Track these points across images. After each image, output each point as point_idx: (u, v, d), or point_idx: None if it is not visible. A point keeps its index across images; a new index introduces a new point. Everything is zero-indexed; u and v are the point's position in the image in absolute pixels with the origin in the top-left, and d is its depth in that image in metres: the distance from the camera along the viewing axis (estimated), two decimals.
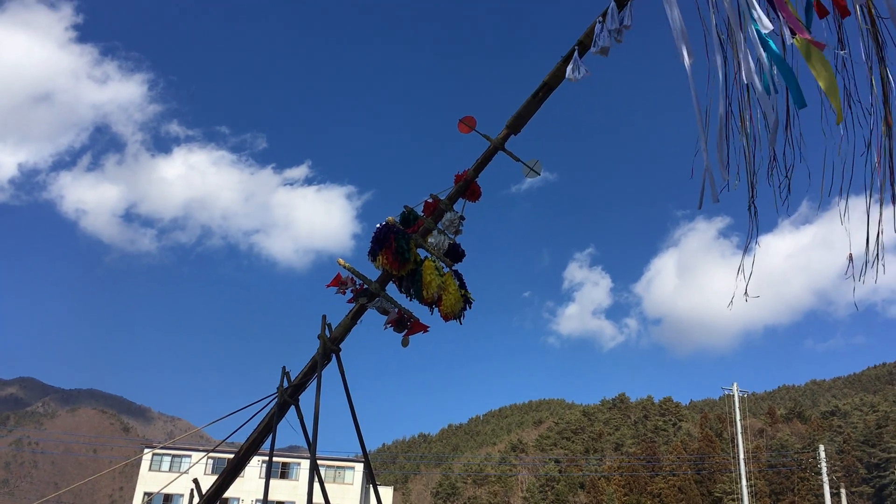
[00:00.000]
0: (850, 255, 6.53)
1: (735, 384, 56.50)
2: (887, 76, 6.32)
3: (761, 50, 6.47)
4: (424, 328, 7.81)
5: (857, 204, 6.55)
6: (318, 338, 7.89)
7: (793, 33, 6.29)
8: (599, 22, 7.27)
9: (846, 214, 6.45)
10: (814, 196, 6.88)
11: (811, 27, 6.51)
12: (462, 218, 8.02)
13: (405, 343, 7.81)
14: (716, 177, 6.86)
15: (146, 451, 75.39)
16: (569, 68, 7.39)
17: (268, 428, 7.87)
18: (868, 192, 6.44)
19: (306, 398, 7.97)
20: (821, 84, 6.18)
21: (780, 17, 6.35)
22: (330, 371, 7.90)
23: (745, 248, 6.92)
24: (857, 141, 6.54)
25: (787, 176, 6.81)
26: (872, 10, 6.19)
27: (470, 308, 7.87)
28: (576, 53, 7.41)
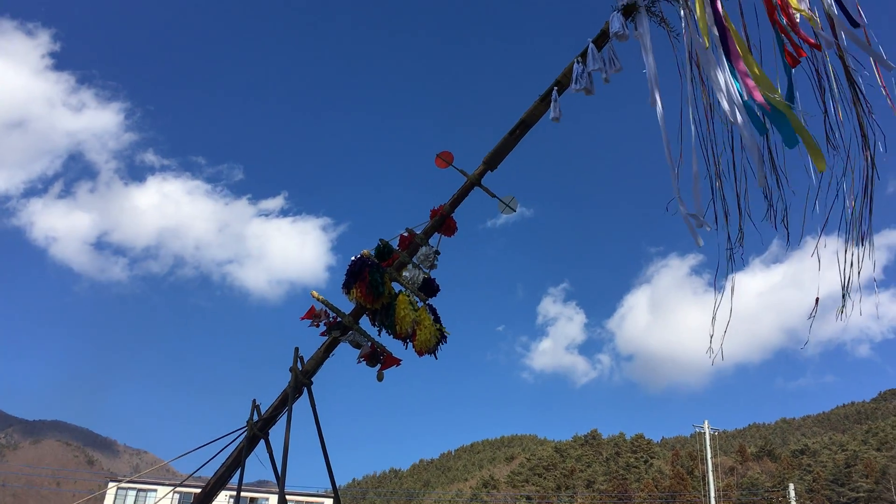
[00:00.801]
0: (817, 299, 6.63)
1: (706, 422, 56.68)
2: (865, 117, 6.48)
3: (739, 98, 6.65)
4: (397, 362, 7.76)
5: (828, 243, 6.66)
6: (290, 370, 7.81)
7: (750, 94, 6.48)
8: (578, 62, 7.37)
9: (815, 254, 6.56)
10: (784, 234, 6.97)
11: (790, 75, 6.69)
12: (437, 252, 8.02)
13: (380, 378, 7.74)
14: (693, 223, 6.99)
15: (111, 484, 73.80)
16: (551, 109, 7.48)
17: (236, 462, 7.73)
18: (847, 234, 6.58)
19: (276, 432, 7.85)
20: (802, 139, 6.37)
21: (738, 75, 6.52)
22: (301, 404, 7.81)
23: (717, 304, 7.01)
24: (826, 183, 6.69)
25: (783, 222, 6.92)
26: (846, 60, 6.37)
27: (445, 343, 7.84)
28: (555, 93, 7.51)
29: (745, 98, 6.56)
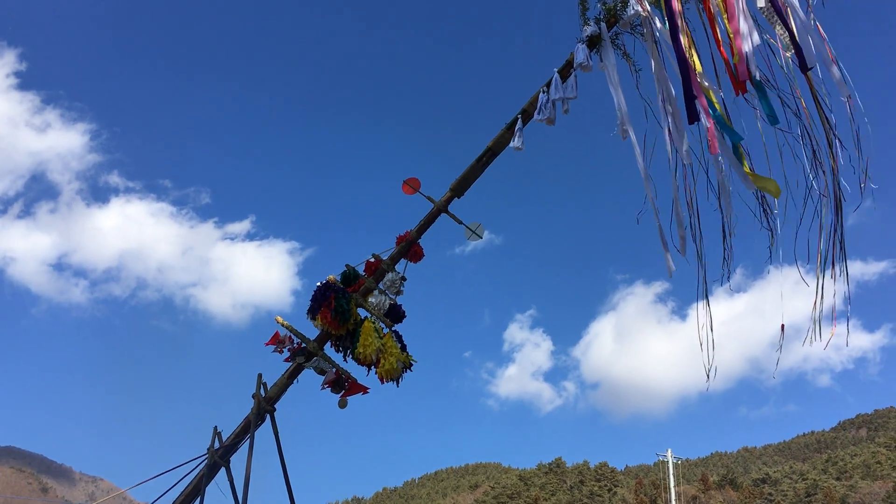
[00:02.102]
0: (783, 326, 6.73)
1: (669, 450, 56.91)
2: (836, 149, 6.66)
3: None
4: (364, 389, 7.71)
5: (791, 273, 6.79)
6: (253, 397, 7.71)
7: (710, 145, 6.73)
8: (543, 91, 7.48)
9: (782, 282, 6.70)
10: (748, 265, 7.12)
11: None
12: (403, 279, 8.01)
13: (342, 404, 7.68)
14: (672, 253, 7.15)
15: None
16: (513, 138, 7.56)
17: (196, 490, 7.59)
18: (822, 263, 6.72)
19: (238, 459, 7.72)
20: (757, 185, 6.58)
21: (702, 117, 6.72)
22: (263, 432, 7.71)
23: (707, 327, 7.11)
24: (792, 215, 6.85)
25: (770, 245, 7.06)
26: (818, 96, 6.56)
27: (410, 371, 7.79)
28: (519, 122, 7.59)
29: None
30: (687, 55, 6.72)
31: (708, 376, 7.04)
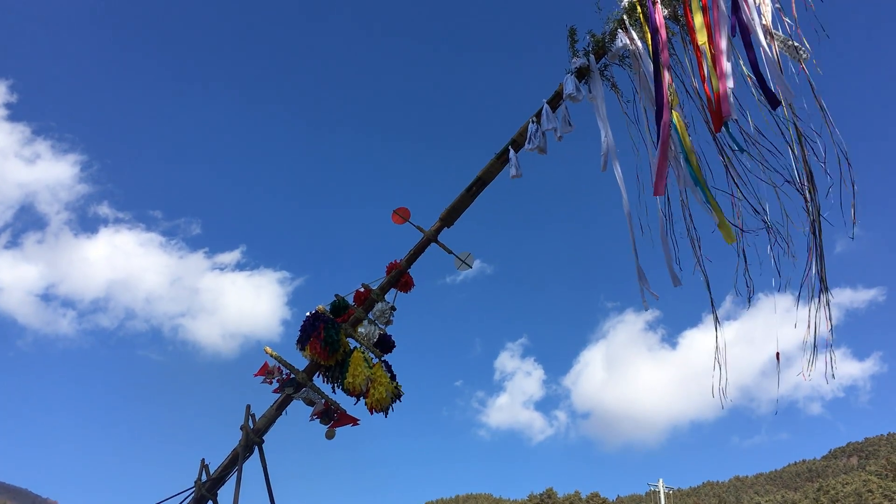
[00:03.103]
0: (778, 354, 6.75)
1: (661, 480, 56.61)
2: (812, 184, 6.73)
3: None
4: (354, 421, 7.65)
5: (782, 301, 6.83)
6: (241, 429, 7.63)
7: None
8: (533, 122, 7.53)
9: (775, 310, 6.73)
10: (738, 292, 7.14)
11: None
12: (393, 308, 7.99)
13: (330, 435, 7.61)
14: (646, 291, 7.18)
15: None
16: (510, 167, 7.60)
17: None
18: (811, 293, 6.76)
19: (225, 492, 7.63)
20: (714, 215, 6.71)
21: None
22: (252, 464, 7.62)
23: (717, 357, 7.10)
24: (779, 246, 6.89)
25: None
26: (798, 127, 6.64)
27: (400, 401, 7.75)
28: (512, 151, 7.63)
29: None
30: (667, 96, 6.82)
31: (721, 393, 7.05)
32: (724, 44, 6.51)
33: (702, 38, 6.70)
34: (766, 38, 6.47)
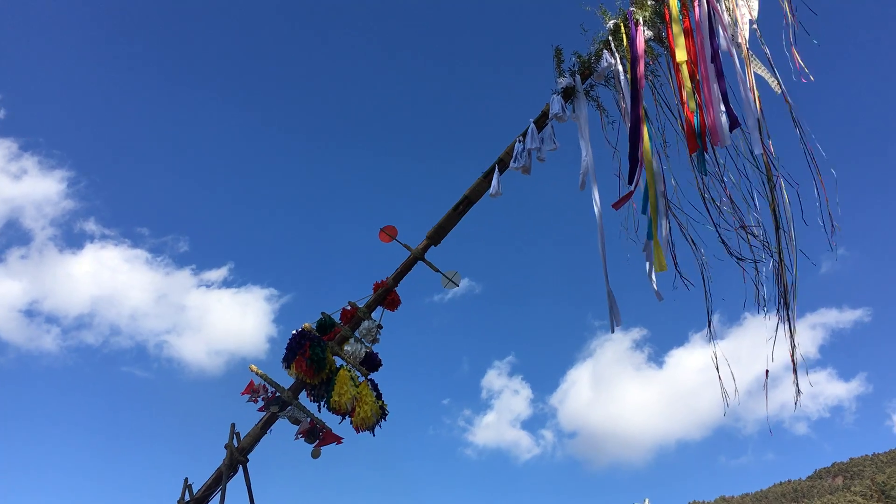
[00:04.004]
0: (767, 371, 6.80)
1: (647, 500, 56.51)
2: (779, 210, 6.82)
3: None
4: (338, 440, 7.60)
5: (773, 321, 6.88)
6: (226, 447, 7.58)
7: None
8: (519, 141, 7.58)
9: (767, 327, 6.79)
10: (725, 311, 7.22)
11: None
12: (380, 327, 7.97)
13: (315, 454, 7.56)
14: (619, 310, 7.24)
15: None
16: (491, 185, 7.64)
17: None
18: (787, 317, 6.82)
19: None
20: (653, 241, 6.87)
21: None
22: (236, 483, 7.56)
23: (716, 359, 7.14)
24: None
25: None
26: (769, 159, 6.73)
27: (385, 420, 7.71)
28: (496, 171, 7.67)
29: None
30: (643, 122, 6.91)
31: (726, 396, 7.11)
32: (710, 70, 6.60)
33: (681, 55, 6.79)
34: (741, 65, 6.59)
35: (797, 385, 6.78)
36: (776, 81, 6.72)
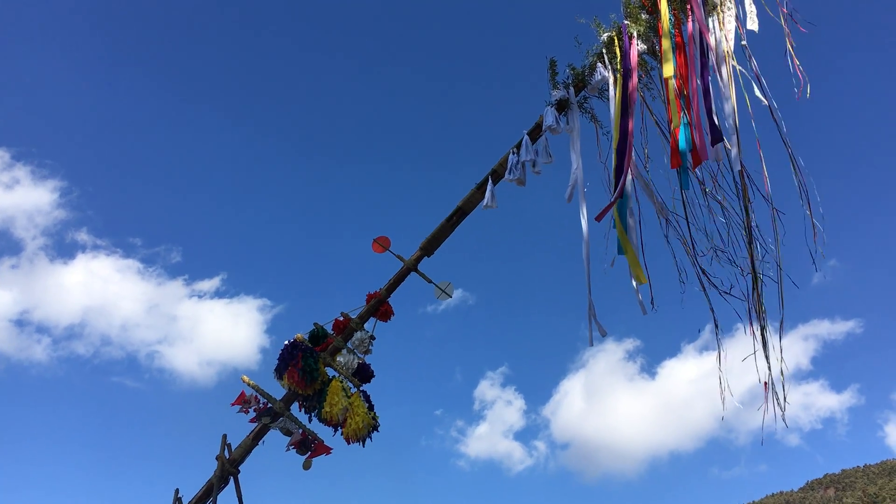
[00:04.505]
0: (766, 384, 6.82)
1: None
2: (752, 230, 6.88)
3: None
4: (328, 450, 7.57)
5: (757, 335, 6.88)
6: (217, 458, 7.54)
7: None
8: (513, 153, 7.59)
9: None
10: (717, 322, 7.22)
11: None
12: (372, 338, 7.96)
13: (306, 466, 7.53)
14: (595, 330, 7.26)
15: None
16: (485, 197, 7.65)
17: None
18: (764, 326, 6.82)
19: None
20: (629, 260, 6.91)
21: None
22: (227, 495, 7.52)
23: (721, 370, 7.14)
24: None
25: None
26: (746, 183, 6.78)
27: (377, 431, 7.69)
28: (490, 182, 7.68)
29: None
30: (631, 135, 6.96)
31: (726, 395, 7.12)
32: (699, 86, 6.65)
33: (667, 70, 6.83)
34: (727, 81, 6.64)
35: (776, 403, 6.78)
36: (763, 98, 6.76)
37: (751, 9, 7.02)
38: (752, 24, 7.01)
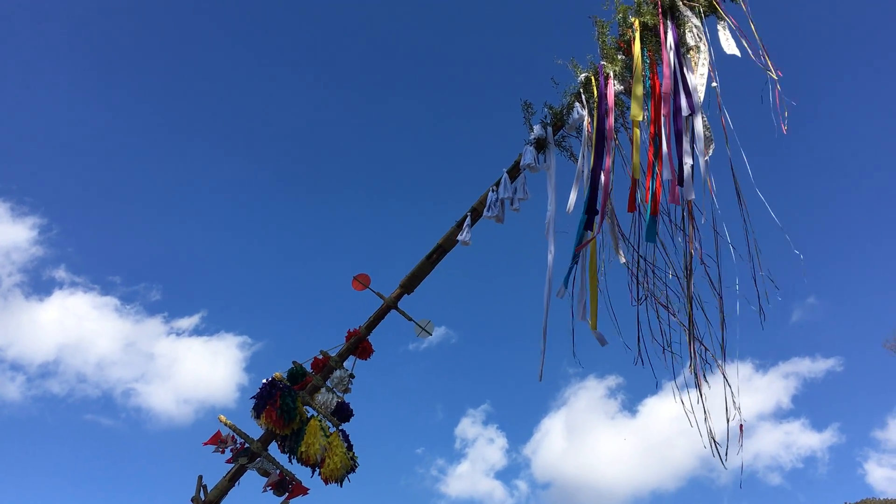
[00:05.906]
0: (741, 426, 6.81)
1: None
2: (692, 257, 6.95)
3: None
4: (305, 491, 7.46)
5: (743, 369, 6.89)
6: (192, 500, 7.40)
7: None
8: (493, 190, 7.65)
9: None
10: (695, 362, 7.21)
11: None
12: (352, 376, 7.90)
13: None
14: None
15: None
16: (461, 233, 7.68)
17: None
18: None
19: None
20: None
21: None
22: None
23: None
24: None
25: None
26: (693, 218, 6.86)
27: (354, 472, 7.59)
28: (468, 219, 7.72)
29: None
30: (608, 174, 7.03)
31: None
32: (670, 132, 6.75)
33: (635, 113, 6.92)
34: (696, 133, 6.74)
35: (720, 457, 6.75)
36: (711, 142, 6.87)
37: (728, 43, 7.10)
38: (731, 49, 7.06)
